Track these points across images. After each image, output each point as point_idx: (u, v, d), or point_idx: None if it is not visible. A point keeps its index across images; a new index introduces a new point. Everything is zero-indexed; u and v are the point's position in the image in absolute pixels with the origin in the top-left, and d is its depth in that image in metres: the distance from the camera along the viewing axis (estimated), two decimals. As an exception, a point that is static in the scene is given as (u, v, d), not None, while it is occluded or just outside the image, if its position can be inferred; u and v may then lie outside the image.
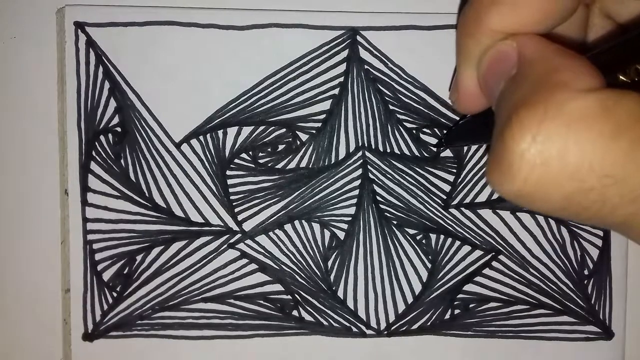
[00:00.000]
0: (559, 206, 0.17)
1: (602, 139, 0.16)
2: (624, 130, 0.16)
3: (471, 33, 0.23)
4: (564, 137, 0.16)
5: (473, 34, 0.23)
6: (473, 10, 0.23)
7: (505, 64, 0.21)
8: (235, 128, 0.32)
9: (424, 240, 0.33)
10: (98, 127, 0.32)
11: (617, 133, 0.16)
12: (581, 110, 0.16)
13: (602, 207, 0.17)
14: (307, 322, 0.33)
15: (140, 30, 0.32)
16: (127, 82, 0.32)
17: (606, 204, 0.17)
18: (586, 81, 0.17)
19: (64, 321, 0.32)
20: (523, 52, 0.20)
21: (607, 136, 0.16)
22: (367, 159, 0.33)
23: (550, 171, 0.17)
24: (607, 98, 0.16)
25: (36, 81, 0.32)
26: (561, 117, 0.16)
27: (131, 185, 0.32)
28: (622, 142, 0.16)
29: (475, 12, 0.22)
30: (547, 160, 0.17)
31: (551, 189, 0.17)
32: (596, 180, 0.16)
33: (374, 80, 0.33)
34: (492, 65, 0.22)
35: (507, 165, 0.17)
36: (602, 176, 0.16)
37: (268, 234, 0.33)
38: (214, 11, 0.32)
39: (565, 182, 0.17)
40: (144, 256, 0.32)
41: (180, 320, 0.33)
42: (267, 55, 0.32)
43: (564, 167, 0.16)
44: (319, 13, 0.32)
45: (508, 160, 0.17)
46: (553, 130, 0.16)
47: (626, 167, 0.16)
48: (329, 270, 0.33)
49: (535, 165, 0.17)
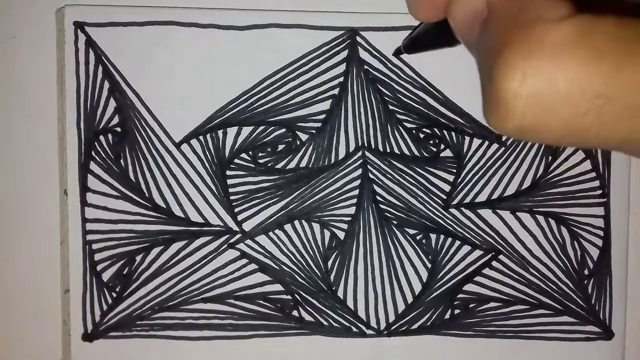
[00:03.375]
0: (560, 133, 0.18)
1: (586, 64, 0.17)
2: (605, 52, 0.17)
3: None
4: (550, 67, 0.17)
5: None
6: None
7: (474, 9, 0.21)
8: (235, 128, 0.32)
9: (424, 240, 0.33)
10: (98, 127, 0.32)
11: (598, 56, 0.17)
12: (560, 39, 0.17)
13: (601, 128, 0.18)
14: (307, 322, 0.33)
15: (140, 30, 0.32)
16: (127, 82, 0.32)
17: (604, 124, 0.18)
18: (558, 9, 0.18)
19: (63, 321, 0.32)
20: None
21: (590, 60, 0.17)
22: (367, 159, 0.33)
23: (544, 101, 0.18)
24: (582, 23, 0.17)
25: (36, 81, 0.32)
26: (543, 49, 0.17)
27: (131, 185, 0.32)
28: (605, 64, 0.17)
29: None
30: (540, 92, 0.18)
31: (549, 118, 0.18)
32: (589, 102, 0.17)
33: (374, 81, 0.33)
34: (463, 15, 0.22)
35: (504, 105, 0.18)
36: (593, 98, 0.17)
37: (268, 234, 0.33)
38: (214, 11, 0.32)
39: (560, 109, 0.18)
40: (144, 256, 0.32)
41: (179, 320, 0.32)
42: (267, 55, 0.32)
43: (556, 96, 0.17)
44: (318, 13, 0.32)
45: (503, 100, 0.18)
46: (539, 63, 0.17)
47: (614, 87, 0.17)
48: (329, 270, 0.33)
49: (530, 99, 0.18)
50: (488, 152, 0.33)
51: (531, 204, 0.33)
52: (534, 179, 0.33)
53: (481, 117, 0.33)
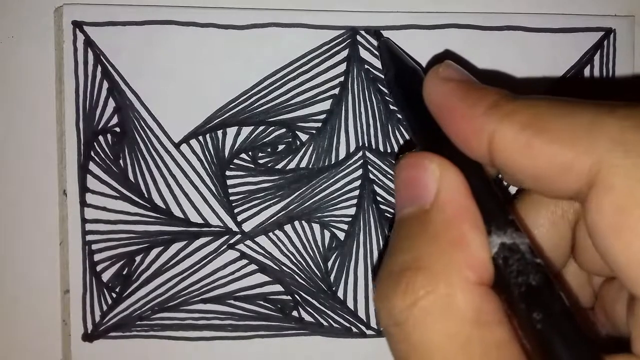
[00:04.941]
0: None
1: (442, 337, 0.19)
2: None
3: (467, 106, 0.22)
4: (422, 322, 0.19)
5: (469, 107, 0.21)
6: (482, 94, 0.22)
7: (421, 190, 0.21)
8: (234, 128, 0.32)
9: (424, 241, 0.33)
10: (97, 127, 0.32)
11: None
12: (442, 306, 0.19)
13: None
14: (307, 322, 0.33)
15: (139, 29, 0.31)
16: (126, 81, 0.32)
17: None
18: (472, 275, 0.19)
19: (63, 322, 0.32)
20: (444, 201, 0.21)
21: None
22: (367, 159, 0.33)
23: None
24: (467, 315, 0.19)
25: (34, 81, 0.32)
26: (428, 309, 0.19)
27: (130, 185, 0.32)
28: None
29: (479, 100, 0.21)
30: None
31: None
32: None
33: (374, 80, 0.32)
34: (408, 179, 0.22)
35: (388, 306, 0.20)
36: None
37: (268, 235, 0.33)
38: (213, 10, 0.32)
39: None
40: (143, 257, 0.32)
41: (179, 321, 0.32)
42: (266, 54, 0.32)
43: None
44: (319, 12, 0.32)
45: (388, 305, 0.19)
46: (420, 313, 0.19)
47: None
48: (329, 270, 0.33)
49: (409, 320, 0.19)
50: (489, 153, 0.33)
51: (532, 205, 0.33)
52: (535, 180, 0.33)
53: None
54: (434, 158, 0.21)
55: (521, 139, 0.19)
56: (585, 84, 0.33)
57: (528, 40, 0.33)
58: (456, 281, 0.19)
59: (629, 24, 0.33)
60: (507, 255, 0.19)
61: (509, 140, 0.20)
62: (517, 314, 0.19)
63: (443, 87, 0.23)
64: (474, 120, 0.21)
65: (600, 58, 0.33)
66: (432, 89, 0.23)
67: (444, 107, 0.22)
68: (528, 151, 0.19)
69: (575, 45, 0.33)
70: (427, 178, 0.21)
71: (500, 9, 0.33)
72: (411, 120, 0.26)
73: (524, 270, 0.19)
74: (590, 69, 0.33)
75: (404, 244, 0.21)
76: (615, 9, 0.34)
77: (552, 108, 0.19)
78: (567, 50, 0.33)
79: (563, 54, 0.33)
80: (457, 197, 0.20)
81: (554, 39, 0.33)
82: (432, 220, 0.20)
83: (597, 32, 0.33)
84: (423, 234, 0.20)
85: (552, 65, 0.33)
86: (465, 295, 0.19)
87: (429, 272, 0.19)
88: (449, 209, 0.20)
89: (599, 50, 0.33)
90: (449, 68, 0.23)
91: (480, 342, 0.18)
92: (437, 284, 0.19)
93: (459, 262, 0.19)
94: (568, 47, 0.33)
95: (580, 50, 0.33)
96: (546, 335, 0.18)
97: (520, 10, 0.33)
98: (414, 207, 0.21)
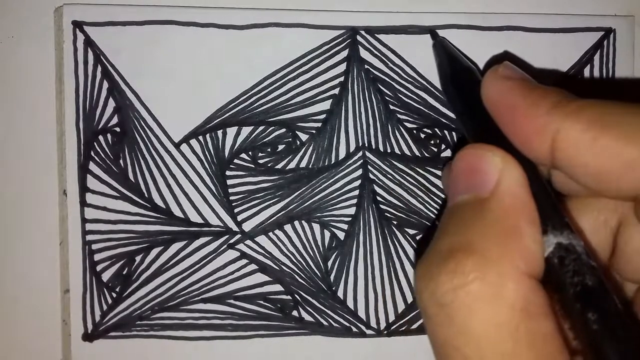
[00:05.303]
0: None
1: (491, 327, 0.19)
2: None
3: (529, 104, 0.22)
4: (467, 305, 0.19)
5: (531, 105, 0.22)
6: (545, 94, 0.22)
7: (481, 179, 0.21)
8: (234, 128, 0.32)
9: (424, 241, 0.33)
10: (97, 127, 0.32)
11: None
12: (491, 293, 0.19)
13: None
14: (307, 322, 0.33)
15: (139, 29, 0.31)
16: (126, 81, 0.32)
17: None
18: (523, 267, 0.19)
19: (63, 322, 0.32)
20: (504, 192, 0.21)
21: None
22: (367, 159, 0.33)
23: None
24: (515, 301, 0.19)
25: (34, 81, 0.32)
26: (478, 291, 0.19)
27: (130, 185, 0.32)
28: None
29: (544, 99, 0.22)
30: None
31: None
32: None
33: (374, 80, 0.32)
34: (467, 169, 0.22)
35: (431, 286, 0.19)
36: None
37: (268, 235, 0.33)
38: (213, 10, 0.32)
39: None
40: (143, 257, 0.32)
41: (179, 320, 0.32)
42: (266, 54, 0.32)
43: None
44: (319, 12, 0.32)
45: (432, 285, 0.19)
46: (467, 297, 0.19)
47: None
48: (329, 270, 0.33)
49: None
50: (489, 153, 0.33)
51: (532, 205, 0.33)
52: (535, 180, 0.33)
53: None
54: (496, 150, 0.22)
55: (587, 136, 0.20)
56: (585, 84, 0.33)
57: (528, 41, 0.33)
58: (508, 270, 0.19)
59: (629, 24, 0.33)
60: (563, 255, 0.20)
61: (573, 137, 0.20)
62: (570, 313, 0.19)
63: (503, 86, 0.23)
64: (537, 118, 0.21)
65: (600, 58, 0.33)
66: (491, 87, 0.23)
67: (505, 106, 0.23)
68: (593, 148, 0.20)
69: (575, 45, 0.33)
70: (488, 167, 0.21)
71: (500, 9, 0.33)
72: (466, 119, 0.26)
73: (580, 270, 0.19)
74: (590, 69, 0.33)
75: (456, 228, 0.21)
76: (615, 9, 0.34)
77: (617, 107, 0.20)
78: (567, 50, 0.33)
79: (563, 54, 0.33)
80: (517, 190, 0.21)
81: (554, 39, 0.33)
82: (489, 209, 0.20)
83: (597, 32, 0.33)
84: (478, 221, 0.20)
85: (552, 65, 0.33)
86: (516, 285, 0.19)
87: (481, 257, 0.19)
88: (508, 200, 0.20)
89: (598, 50, 0.33)
90: (508, 68, 0.24)
91: (527, 333, 0.18)
92: (488, 270, 0.19)
93: (513, 252, 0.19)
94: (568, 47, 0.33)
95: (580, 50, 0.33)
96: (601, 335, 0.18)
97: (520, 10, 0.33)
98: (470, 195, 0.21)
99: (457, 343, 0.18)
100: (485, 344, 0.18)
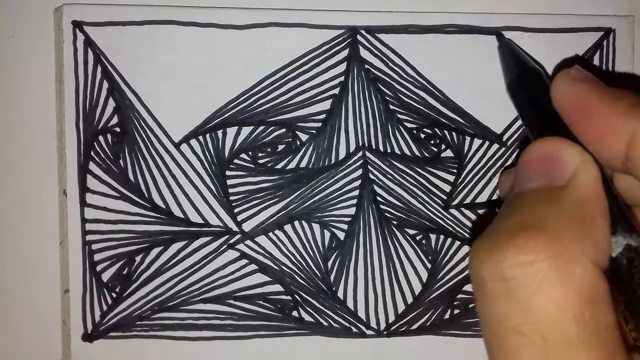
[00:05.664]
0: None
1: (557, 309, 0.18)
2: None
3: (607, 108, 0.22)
4: (536, 284, 0.18)
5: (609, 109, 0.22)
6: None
7: (558, 168, 0.21)
8: (234, 128, 0.32)
9: (424, 241, 0.33)
10: (97, 127, 0.32)
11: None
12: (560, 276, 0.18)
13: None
14: (307, 322, 0.33)
15: (138, 29, 0.31)
16: (126, 81, 0.32)
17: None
18: (592, 256, 0.19)
19: (63, 322, 0.32)
20: (580, 182, 0.21)
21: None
22: (367, 159, 0.33)
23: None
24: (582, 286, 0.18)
25: (34, 81, 0.32)
26: (545, 272, 0.18)
27: (130, 185, 0.32)
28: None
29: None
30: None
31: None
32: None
33: (375, 80, 0.32)
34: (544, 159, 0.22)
35: (494, 259, 0.19)
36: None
37: (268, 235, 0.33)
38: (213, 10, 0.32)
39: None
40: (143, 257, 0.32)
41: (179, 321, 0.32)
42: (267, 54, 0.32)
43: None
44: (319, 12, 0.32)
45: (496, 258, 0.19)
46: (535, 274, 0.18)
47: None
48: (329, 270, 0.33)
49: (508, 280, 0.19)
50: (489, 153, 0.33)
51: (532, 205, 0.33)
52: (535, 180, 0.33)
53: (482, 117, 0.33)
54: (574, 144, 0.22)
55: None
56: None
57: (528, 41, 0.33)
58: (578, 256, 0.19)
59: (628, 24, 0.33)
60: (632, 257, 0.20)
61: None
62: (636, 315, 0.19)
63: (576, 88, 0.23)
64: (614, 118, 0.21)
65: (600, 58, 0.33)
66: (564, 89, 0.24)
67: (577, 106, 0.23)
68: None
69: (575, 46, 0.33)
70: (567, 158, 0.21)
71: (500, 9, 0.33)
72: (533, 120, 0.26)
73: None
74: (590, 69, 0.33)
75: (526, 209, 0.20)
76: (615, 9, 0.34)
77: None
78: (567, 50, 0.33)
79: (563, 54, 0.33)
80: (593, 183, 0.21)
81: (554, 39, 0.33)
82: (566, 195, 0.20)
83: (597, 32, 0.33)
84: (552, 205, 0.20)
85: (552, 65, 0.33)
86: (585, 272, 0.18)
87: (554, 238, 0.19)
88: (584, 190, 0.20)
89: (598, 50, 0.33)
90: (580, 71, 0.24)
91: (592, 320, 0.18)
92: (560, 252, 0.18)
93: (585, 240, 0.19)
94: (568, 47, 0.33)
95: (580, 51, 0.33)
96: None
97: (520, 11, 0.33)
98: (543, 182, 0.21)
99: (515, 322, 0.18)
100: (548, 325, 0.18)
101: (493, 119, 0.33)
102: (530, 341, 0.18)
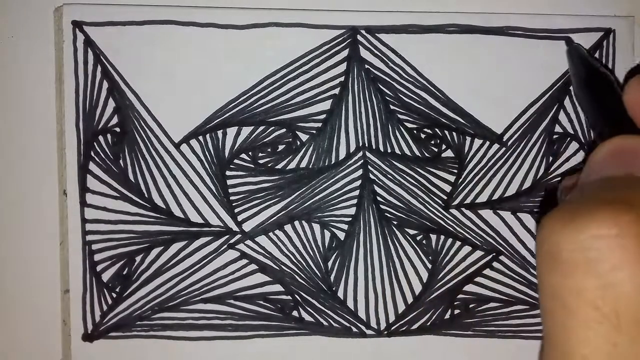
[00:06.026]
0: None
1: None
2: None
3: None
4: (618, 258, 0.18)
5: None
6: None
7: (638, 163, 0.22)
8: (234, 128, 0.32)
9: (424, 241, 0.33)
10: (97, 127, 0.32)
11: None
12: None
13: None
14: (307, 322, 0.33)
15: (138, 29, 0.31)
16: (126, 81, 0.32)
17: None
18: None
19: (63, 322, 0.32)
20: None
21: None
22: (367, 159, 0.33)
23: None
24: None
25: (34, 81, 0.32)
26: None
27: (130, 185, 0.32)
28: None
29: None
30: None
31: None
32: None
33: (375, 80, 0.32)
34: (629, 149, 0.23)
35: (582, 221, 0.18)
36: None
37: (268, 235, 0.33)
38: (213, 10, 0.32)
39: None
40: (144, 257, 0.32)
41: (180, 321, 0.32)
42: (267, 54, 0.32)
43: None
44: (319, 12, 0.32)
45: (577, 227, 0.18)
46: (616, 247, 0.18)
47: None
48: (329, 270, 0.33)
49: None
50: (489, 153, 0.33)
51: (532, 205, 0.33)
52: (535, 180, 0.33)
53: (482, 117, 0.33)
54: None
55: None
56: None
57: (527, 41, 0.33)
58: None
59: (628, 24, 0.33)
60: None
61: None
62: None
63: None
64: None
65: (600, 58, 0.33)
66: (637, 94, 0.25)
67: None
68: None
69: (575, 45, 0.33)
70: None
71: (500, 9, 0.33)
72: (601, 121, 0.27)
73: None
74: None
75: (608, 189, 0.20)
76: (615, 9, 0.34)
77: None
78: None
79: (563, 54, 0.33)
80: None
81: (554, 39, 0.33)
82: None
83: (596, 33, 0.33)
84: (637, 189, 0.20)
85: (552, 65, 0.33)
86: None
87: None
88: None
89: (598, 50, 0.33)
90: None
91: None
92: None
93: None
94: (568, 47, 0.33)
95: (580, 50, 0.33)
96: None
97: (519, 11, 0.33)
98: (623, 172, 0.21)
99: (592, 295, 0.17)
100: (626, 303, 0.17)
101: (493, 119, 0.33)
102: (604, 317, 0.17)
